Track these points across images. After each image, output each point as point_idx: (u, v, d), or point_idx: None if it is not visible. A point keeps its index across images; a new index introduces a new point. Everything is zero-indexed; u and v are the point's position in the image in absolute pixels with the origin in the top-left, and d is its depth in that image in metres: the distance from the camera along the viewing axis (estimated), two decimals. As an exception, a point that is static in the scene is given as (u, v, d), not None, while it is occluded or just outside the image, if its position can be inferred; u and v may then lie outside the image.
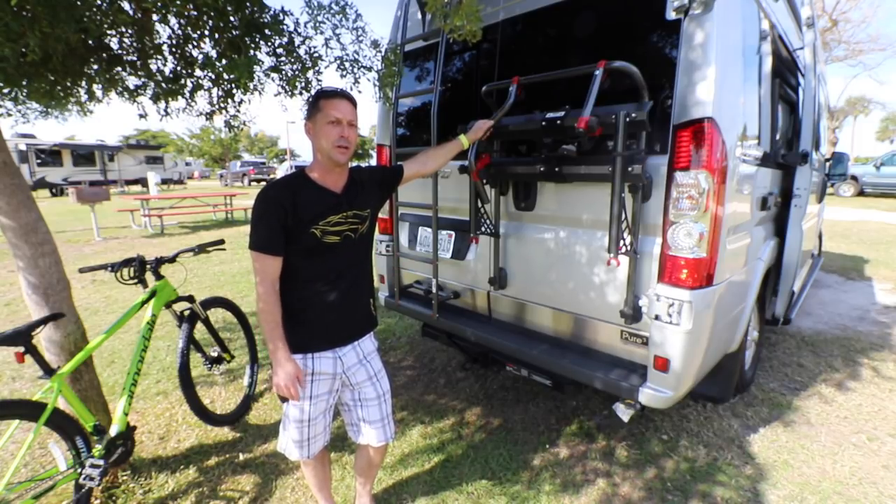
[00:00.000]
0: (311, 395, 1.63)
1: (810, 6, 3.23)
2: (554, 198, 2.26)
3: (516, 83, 2.12)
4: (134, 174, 26.03)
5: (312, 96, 1.60)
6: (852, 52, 23.49)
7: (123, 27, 1.98)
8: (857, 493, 2.08)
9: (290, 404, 1.63)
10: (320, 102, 1.53)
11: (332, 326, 1.63)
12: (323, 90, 1.59)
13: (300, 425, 1.66)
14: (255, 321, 4.25)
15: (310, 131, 1.56)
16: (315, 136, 1.54)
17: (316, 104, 1.54)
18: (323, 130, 1.51)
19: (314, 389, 1.63)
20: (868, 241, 8.14)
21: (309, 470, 1.85)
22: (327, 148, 1.52)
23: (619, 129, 1.75)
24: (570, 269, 2.19)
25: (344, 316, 1.65)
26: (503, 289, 2.50)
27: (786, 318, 3.26)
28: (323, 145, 1.52)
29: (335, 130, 1.51)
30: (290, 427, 1.67)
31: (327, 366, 1.63)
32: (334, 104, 1.52)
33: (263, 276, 1.52)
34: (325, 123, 1.51)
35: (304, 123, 1.59)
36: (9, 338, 1.72)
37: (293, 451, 1.72)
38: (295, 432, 1.67)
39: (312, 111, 1.55)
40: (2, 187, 1.93)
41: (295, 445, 1.70)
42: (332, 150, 1.52)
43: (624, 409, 2.02)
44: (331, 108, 1.51)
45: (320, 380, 1.63)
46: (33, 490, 1.79)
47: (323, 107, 1.52)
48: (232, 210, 12.77)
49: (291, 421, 1.66)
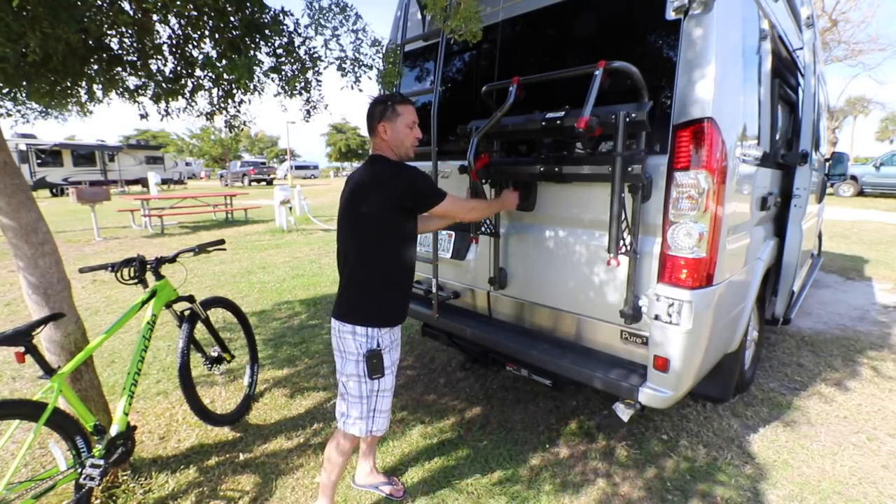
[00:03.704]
0: (396, 359, 1.90)
1: (810, 6, 3.23)
2: (553, 198, 2.26)
3: (516, 83, 2.12)
4: (134, 174, 26.02)
5: (386, 101, 1.79)
6: (852, 52, 23.47)
7: (124, 27, 1.99)
8: (857, 492, 2.08)
9: (385, 375, 1.78)
10: (398, 108, 1.76)
11: (407, 302, 1.89)
12: (398, 96, 1.81)
13: (391, 392, 1.85)
14: (256, 321, 4.26)
15: (385, 131, 1.76)
16: (394, 135, 1.77)
17: (394, 109, 1.76)
18: (403, 132, 1.78)
19: (398, 353, 1.92)
20: (868, 240, 8.14)
21: (350, 453, 1.89)
22: (408, 146, 1.80)
23: (618, 129, 1.76)
24: (570, 269, 2.19)
25: (409, 294, 1.90)
26: (503, 289, 2.50)
27: (785, 318, 3.26)
28: (405, 144, 1.79)
29: (413, 133, 1.80)
30: (385, 399, 1.82)
31: (398, 335, 1.92)
32: (410, 110, 1.79)
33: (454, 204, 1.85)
34: (403, 126, 1.77)
35: (379, 124, 1.77)
36: (9, 338, 1.72)
37: (384, 424, 1.85)
38: (387, 401, 1.84)
39: (390, 114, 1.76)
40: (2, 187, 1.93)
41: (384, 418, 1.84)
42: (410, 149, 1.81)
43: (624, 408, 2.02)
44: (408, 113, 1.78)
45: (398, 345, 1.92)
46: (33, 490, 1.79)
47: (402, 112, 1.77)
48: (232, 210, 12.78)
49: (387, 390, 1.82)
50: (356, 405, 1.78)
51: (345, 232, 1.79)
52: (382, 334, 1.76)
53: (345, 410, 1.81)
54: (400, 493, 2.08)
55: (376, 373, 1.74)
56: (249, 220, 12.41)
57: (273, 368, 3.36)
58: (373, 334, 1.73)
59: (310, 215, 11.81)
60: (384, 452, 2.39)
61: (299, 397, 2.95)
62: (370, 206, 1.70)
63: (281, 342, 3.83)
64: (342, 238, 1.80)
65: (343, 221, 1.79)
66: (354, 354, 1.74)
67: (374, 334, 1.74)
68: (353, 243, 1.76)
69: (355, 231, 1.75)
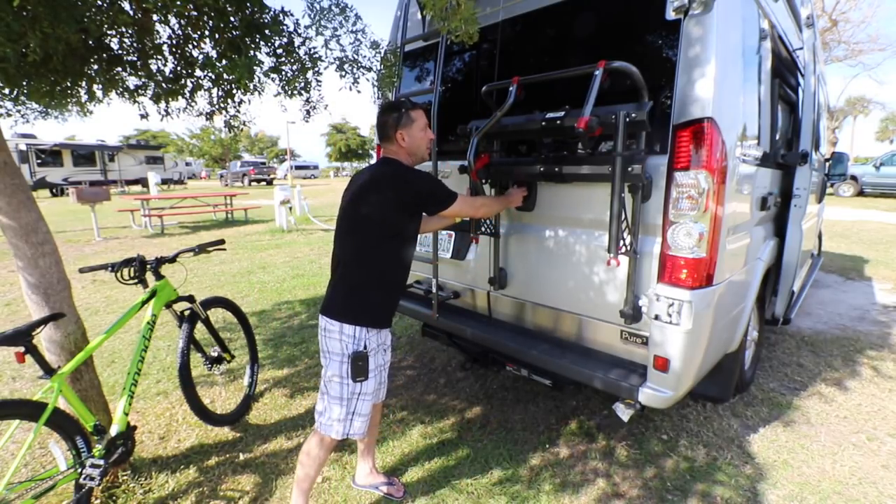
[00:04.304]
0: (382, 363, 1.88)
1: (810, 6, 3.23)
2: (553, 198, 2.26)
3: (516, 83, 2.12)
4: (134, 174, 26.02)
5: (400, 108, 1.83)
6: (852, 52, 23.47)
7: (124, 27, 1.99)
8: (857, 492, 2.09)
9: (369, 378, 1.76)
10: (412, 114, 1.82)
11: (396, 305, 1.90)
12: (409, 103, 1.87)
13: (373, 396, 1.83)
14: (256, 321, 4.26)
15: (403, 139, 1.82)
16: (412, 141, 1.83)
17: (408, 115, 1.82)
18: (419, 137, 1.84)
19: (385, 357, 1.90)
20: (867, 240, 8.14)
21: (327, 454, 1.84)
22: (423, 148, 1.88)
23: (618, 129, 1.76)
24: (570, 269, 2.19)
25: (400, 297, 1.93)
26: (503, 289, 2.50)
27: (785, 318, 3.26)
28: (421, 147, 1.87)
29: (427, 135, 1.87)
30: (364, 402, 1.78)
31: (387, 337, 1.91)
32: (421, 114, 1.86)
33: (465, 202, 1.90)
34: (419, 131, 1.84)
35: (397, 133, 1.82)
36: (9, 338, 1.72)
37: (362, 427, 1.80)
38: (367, 405, 1.80)
39: (406, 121, 1.81)
40: (2, 187, 1.93)
41: (363, 422, 1.80)
42: (426, 152, 1.90)
43: (624, 408, 2.02)
44: (421, 117, 1.85)
45: (386, 349, 1.91)
46: (34, 490, 1.79)
47: (416, 118, 1.83)
48: (232, 210, 12.78)
49: (368, 394, 1.79)
50: (336, 406, 1.75)
51: (344, 232, 1.78)
52: (370, 336, 1.74)
53: (323, 410, 1.78)
54: (400, 493, 2.08)
55: (360, 375, 1.72)
56: (249, 220, 12.41)
57: (273, 368, 3.36)
58: (360, 335, 1.71)
59: (310, 215, 11.81)
60: (384, 452, 2.39)
61: (299, 397, 2.95)
62: (377, 207, 1.70)
63: (281, 342, 3.83)
64: (341, 237, 1.79)
65: (343, 221, 1.78)
66: (339, 355, 1.72)
67: (362, 336, 1.72)
68: (351, 243, 1.75)
69: (356, 231, 1.74)
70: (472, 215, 2.08)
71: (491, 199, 2.23)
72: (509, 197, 2.23)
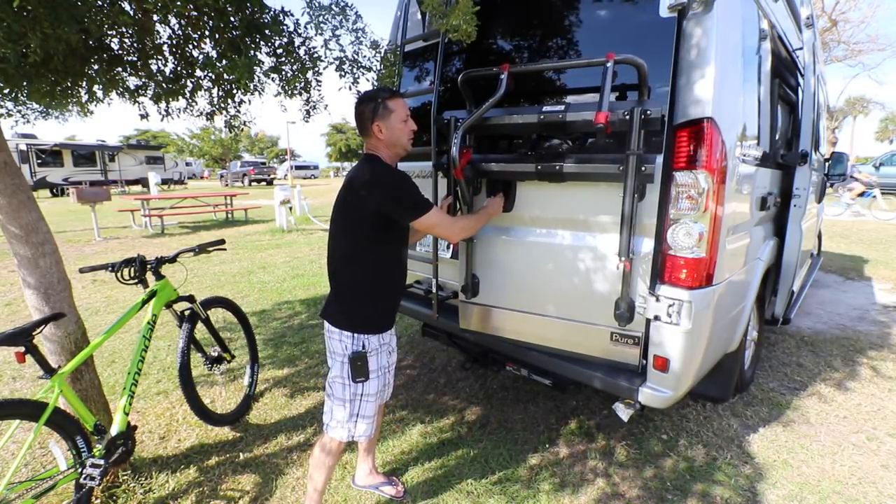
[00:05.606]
0: (387, 365, 1.83)
1: (809, 6, 3.23)
2: (536, 199, 2.16)
3: (507, 70, 1.99)
4: (134, 174, 26.01)
5: (376, 98, 1.70)
6: (852, 52, 23.47)
7: (124, 28, 1.99)
8: (857, 492, 2.09)
9: (370, 379, 1.73)
10: (389, 104, 1.68)
11: (394, 309, 1.86)
12: (387, 91, 1.74)
13: (377, 397, 1.79)
14: (256, 321, 4.26)
15: (381, 131, 1.69)
16: (390, 133, 1.70)
17: (385, 105, 1.68)
18: (398, 128, 1.71)
19: (390, 359, 1.86)
20: (867, 240, 8.14)
21: (335, 459, 1.82)
22: (404, 142, 1.74)
23: (633, 125, 1.72)
24: (555, 274, 2.13)
25: (397, 302, 1.88)
26: (476, 296, 2.39)
27: (785, 318, 3.26)
28: (402, 140, 1.73)
29: (408, 126, 1.74)
30: (367, 404, 1.76)
31: (392, 338, 1.87)
32: (401, 104, 1.72)
33: (441, 217, 1.77)
34: (398, 122, 1.70)
35: (373, 124, 1.69)
36: (9, 338, 1.72)
37: (367, 429, 1.78)
38: (371, 407, 1.77)
39: (382, 112, 1.68)
40: (3, 187, 1.93)
41: (368, 424, 1.77)
42: (407, 144, 1.76)
43: (623, 408, 2.02)
44: (400, 107, 1.71)
45: (392, 350, 1.87)
46: (34, 490, 1.79)
47: (394, 108, 1.69)
48: (232, 210, 12.78)
49: (371, 395, 1.76)
50: (339, 408, 1.74)
51: (331, 235, 1.77)
52: (369, 337, 1.71)
53: (328, 412, 1.78)
54: (400, 493, 2.08)
55: (360, 376, 1.69)
56: (249, 220, 12.41)
57: (273, 368, 3.36)
58: (358, 337, 1.69)
59: (310, 215, 11.80)
60: (384, 452, 2.39)
61: (299, 397, 2.95)
62: (356, 210, 1.66)
63: (281, 342, 3.83)
64: (330, 240, 1.78)
65: (331, 224, 1.77)
66: (340, 356, 1.71)
67: (360, 336, 1.69)
68: (338, 247, 1.74)
69: (341, 235, 1.72)
70: (448, 237, 1.87)
71: (471, 219, 2.01)
72: (489, 209, 2.09)
